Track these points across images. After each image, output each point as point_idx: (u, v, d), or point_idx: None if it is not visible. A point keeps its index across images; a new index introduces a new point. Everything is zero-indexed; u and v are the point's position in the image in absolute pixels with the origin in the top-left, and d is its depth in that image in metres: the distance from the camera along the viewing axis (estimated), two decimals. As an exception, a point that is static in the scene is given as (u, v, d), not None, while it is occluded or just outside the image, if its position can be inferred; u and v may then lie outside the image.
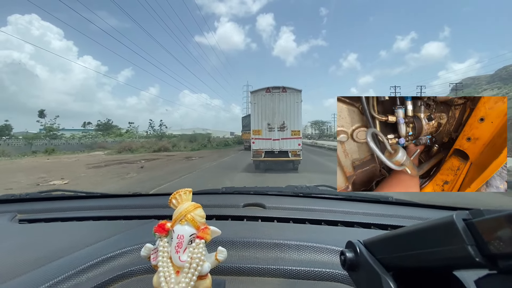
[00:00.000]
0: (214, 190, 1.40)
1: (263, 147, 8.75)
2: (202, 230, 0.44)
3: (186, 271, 0.41)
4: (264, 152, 8.74)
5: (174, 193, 0.46)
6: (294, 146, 8.68)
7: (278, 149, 8.72)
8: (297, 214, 0.98)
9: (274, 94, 8.77)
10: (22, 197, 1.28)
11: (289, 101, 8.74)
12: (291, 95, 8.77)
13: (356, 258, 0.36)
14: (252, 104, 8.96)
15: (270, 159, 8.81)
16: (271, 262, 0.61)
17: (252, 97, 8.93)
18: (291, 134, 8.69)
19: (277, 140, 8.72)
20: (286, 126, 8.70)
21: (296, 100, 8.75)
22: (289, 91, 8.77)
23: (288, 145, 8.70)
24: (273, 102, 8.76)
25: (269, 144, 8.73)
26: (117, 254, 0.62)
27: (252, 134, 8.83)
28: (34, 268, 0.55)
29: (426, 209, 1.18)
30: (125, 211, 1.07)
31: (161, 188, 6.22)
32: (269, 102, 8.76)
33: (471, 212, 0.25)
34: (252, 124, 8.87)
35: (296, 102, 8.75)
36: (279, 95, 8.77)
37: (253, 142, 8.82)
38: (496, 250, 0.22)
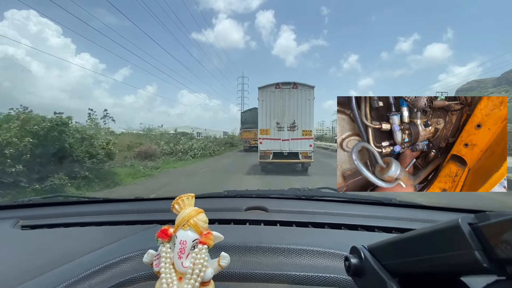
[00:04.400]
0: (216, 194, 1.40)
1: (271, 148, 8.13)
2: (205, 235, 0.44)
3: (189, 277, 0.41)
4: (272, 153, 8.14)
5: (177, 198, 0.46)
6: (305, 148, 8.04)
7: (288, 150, 8.09)
8: (300, 218, 0.97)
9: (284, 90, 8.08)
10: (24, 203, 1.29)
11: (301, 99, 8.05)
12: (302, 91, 8.06)
13: (361, 263, 0.36)
14: (259, 101, 8.25)
15: (279, 161, 8.24)
16: (275, 267, 0.60)
17: (260, 93, 8.20)
18: (302, 134, 8.05)
19: (287, 140, 8.09)
20: (297, 126, 8.05)
21: (308, 97, 8.04)
22: (301, 87, 8.07)
23: (298, 146, 8.07)
24: (283, 99, 8.10)
25: (278, 144, 8.12)
26: (119, 260, 0.62)
27: (260, 133, 8.28)
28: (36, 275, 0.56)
29: (430, 210, 1.17)
30: (127, 216, 1.07)
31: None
32: (279, 99, 8.10)
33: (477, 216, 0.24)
34: (260, 123, 8.27)
35: (308, 99, 8.04)
36: (289, 92, 8.07)
37: (260, 142, 8.26)
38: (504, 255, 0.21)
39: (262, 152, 8.26)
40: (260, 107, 8.33)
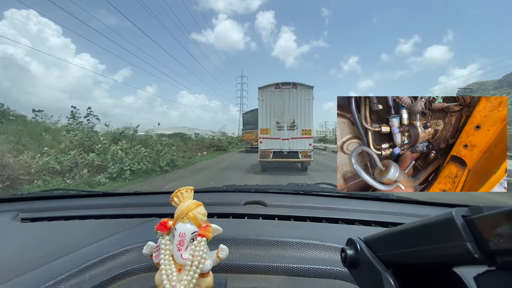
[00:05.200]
0: (216, 188, 1.41)
1: (271, 147, 8.33)
2: (204, 228, 0.45)
3: (188, 269, 0.42)
4: (273, 152, 8.33)
5: (176, 191, 0.47)
6: (305, 147, 8.25)
7: (288, 150, 8.28)
8: (297, 212, 0.98)
9: (284, 90, 8.30)
10: (24, 196, 1.29)
11: (300, 98, 8.27)
12: (302, 91, 8.29)
13: (357, 255, 0.37)
14: (260, 101, 8.47)
15: (279, 160, 8.42)
16: (273, 259, 0.61)
17: (260, 93, 8.42)
18: (302, 134, 8.25)
19: (287, 140, 8.29)
20: (297, 125, 8.26)
21: (308, 97, 8.29)
22: (300, 87, 8.30)
23: (298, 145, 8.27)
24: (283, 99, 8.31)
25: (278, 144, 8.32)
26: (119, 252, 0.62)
27: (260, 133, 8.44)
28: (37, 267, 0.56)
29: (426, 206, 1.18)
30: (127, 210, 1.07)
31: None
32: (278, 99, 8.32)
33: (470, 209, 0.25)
34: (260, 122, 8.46)
35: (308, 99, 8.29)
36: (289, 92, 8.29)
37: (260, 141, 8.43)
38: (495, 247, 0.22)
39: (262, 151, 8.40)
40: (260, 107, 8.49)
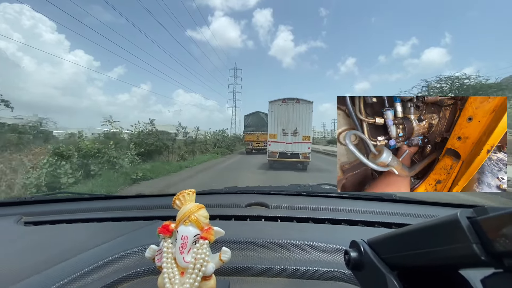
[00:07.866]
0: (217, 190, 1.40)
1: (277, 149, 10.29)
2: (206, 230, 0.44)
3: (191, 272, 0.41)
4: (279, 153, 10.26)
5: (178, 194, 0.47)
6: (305, 149, 10.17)
7: (291, 151, 10.17)
8: (300, 213, 0.98)
9: (289, 104, 10.32)
10: (27, 199, 1.29)
11: (302, 111, 10.25)
12: (303, 105, 10.30)
13: (360, 257, 0.36)
14: (270, 112, 10.64)
15: (283, 160, 10.32)
16: (276, 262, 0.61)
17: (270, 106, 10.54)
18: (302, 139, 10.21)
19: (290, 143, 10.20)
20: (298, 132, 10.20)
21: (308, 110, 10.30)
22: (302, 102, 10.31)
23: (299, 148, 10.16)
24: (288, 111, 10.26)
25: (283, 146, 10.24)
26: (121, 255, 0.62)
27: (269, 137, 10.52)
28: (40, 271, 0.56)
29: (430, 206, 1.16)
30: (129, 212, 1.07)
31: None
32: (284, 111, 10.29)
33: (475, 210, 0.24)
34: (269, 128, 10.56)
35: (308, 111, 10.29)
36: (293, 105, 10.28)
37: (269, 144, 10.43)
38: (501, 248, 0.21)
39: (271, 152, 10.41)
40: (270, 116, 10.66)
